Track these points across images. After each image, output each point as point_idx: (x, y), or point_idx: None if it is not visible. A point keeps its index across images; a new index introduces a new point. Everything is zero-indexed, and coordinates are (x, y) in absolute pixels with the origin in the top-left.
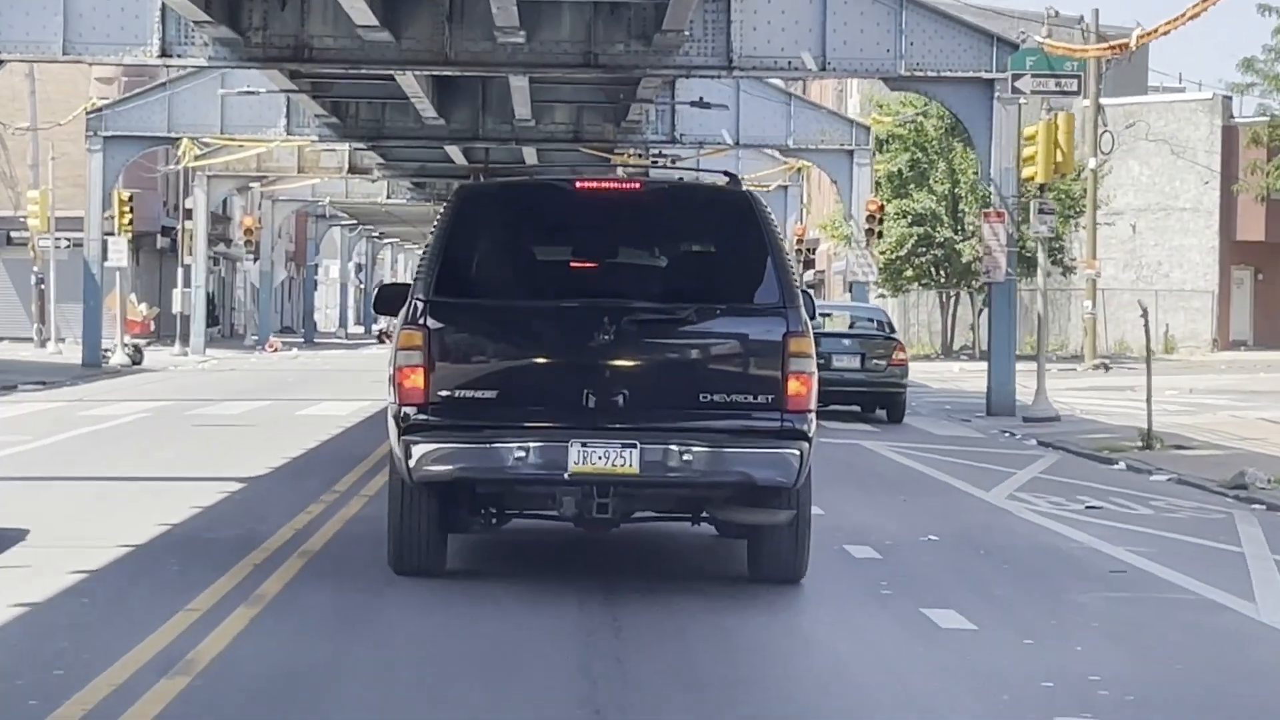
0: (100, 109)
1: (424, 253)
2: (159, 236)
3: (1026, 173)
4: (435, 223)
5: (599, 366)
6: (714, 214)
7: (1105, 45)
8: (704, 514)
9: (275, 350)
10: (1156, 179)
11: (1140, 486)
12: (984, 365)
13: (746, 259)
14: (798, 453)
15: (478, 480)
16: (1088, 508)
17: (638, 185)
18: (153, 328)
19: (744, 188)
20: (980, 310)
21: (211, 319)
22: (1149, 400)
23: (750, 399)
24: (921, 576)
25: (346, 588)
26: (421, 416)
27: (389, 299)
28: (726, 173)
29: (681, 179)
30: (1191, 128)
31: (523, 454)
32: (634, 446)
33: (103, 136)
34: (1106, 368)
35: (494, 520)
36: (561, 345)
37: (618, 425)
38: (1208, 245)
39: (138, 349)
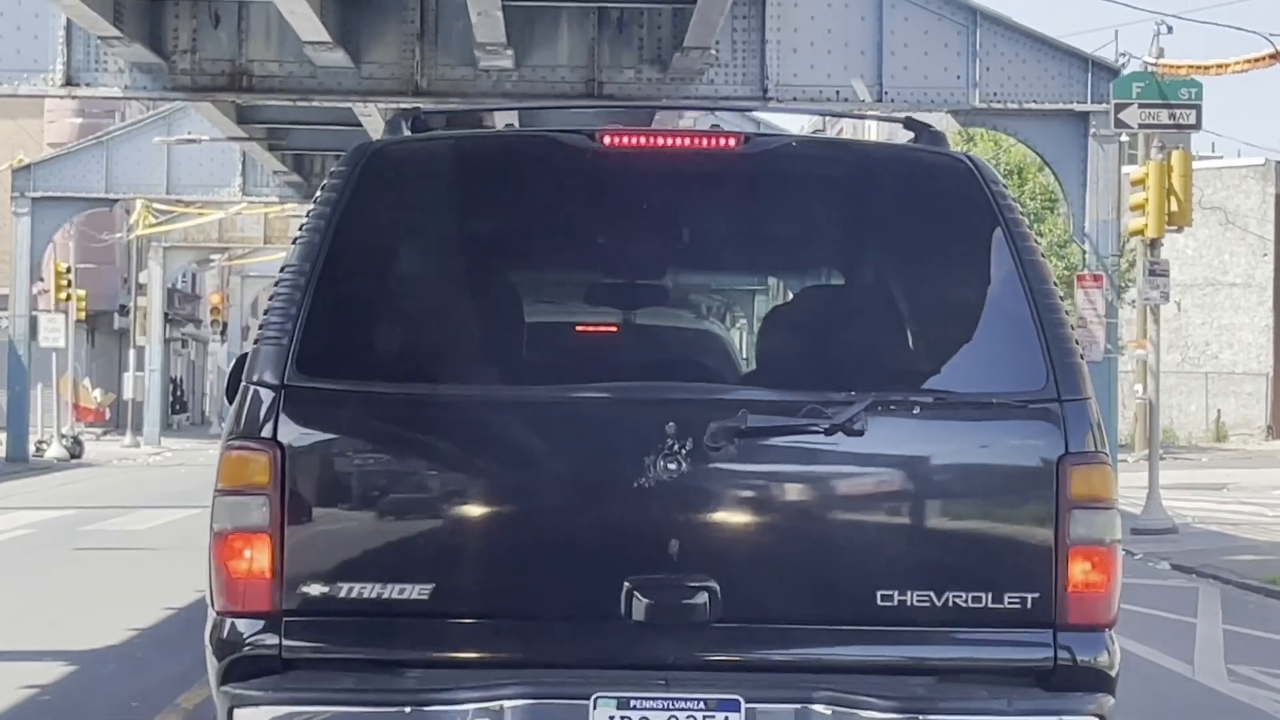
0: (28, 165)
1: (276, 287)
2: (116, 315)
3: (1134, 225)
4: (304, 222)
5: (653, 530)
6: (902, 201)
7: (1267, 54)
8: None
9: None
10: (1204, 252)
11: None
12: None
13: (971, 295)
14: None
15: None
16: None
17: (734, 142)
18: (108, 415)
19: (954, 148)
20: None
21: (179, 405)
22: None
23: (983, 600)
24: None
25: None
26: (267, 640)
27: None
28: (911, 121)
29: (817, 132)
30: (1242, 196)
31: None
32: (732, 709)
33: (30, 198)
34: (1161, 458)
35: None
36: (572, 484)
37: (698, 659)
38: (1261, 324)
39: (77, 441)
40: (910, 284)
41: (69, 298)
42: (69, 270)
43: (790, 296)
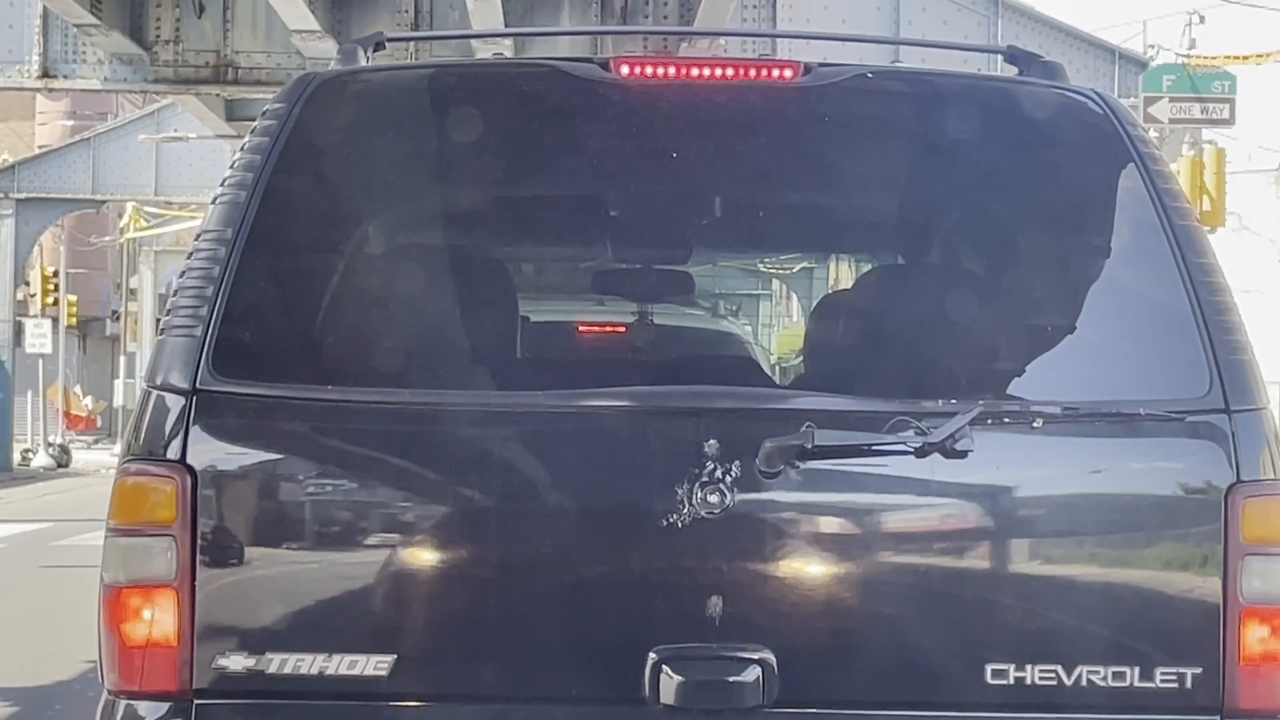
0: (11, 165)
1: (190, 260)
2: (109, 321)
3: None
4: (227, 176)
5: (687, 584)
6: (1014, 151)
7: None
8: None
9: None
10: None
11: None
12: None
13: (1107, 273)
14: None
15: None
16: None
17: (791, 73)
18: (99, 424)
19: (1079, 86)
20: None
21: None
22: None
23: (1127, 678)
24: None
25: None
26: None
27: None
28: (1015, 51)
29: (895, 63)
30: (1254, 201)
31: None
32: None
33: (15, 199)
34: None
35: None
36: (580, 522)
37: None
38: (1274, 332)
39: (64, 449)
40: (1025, 259)
41: (55, 303)
42: (56, 274)
43: (859, 275)
